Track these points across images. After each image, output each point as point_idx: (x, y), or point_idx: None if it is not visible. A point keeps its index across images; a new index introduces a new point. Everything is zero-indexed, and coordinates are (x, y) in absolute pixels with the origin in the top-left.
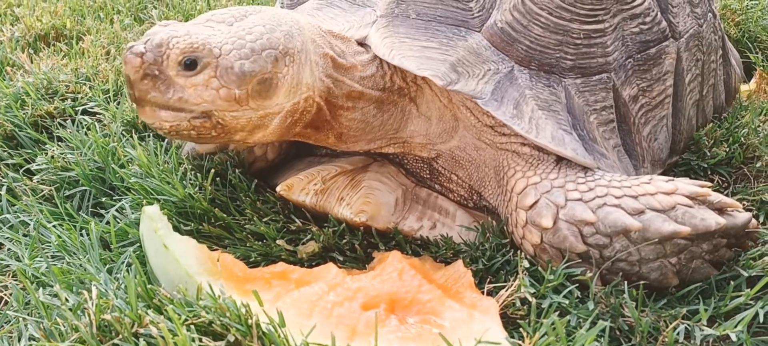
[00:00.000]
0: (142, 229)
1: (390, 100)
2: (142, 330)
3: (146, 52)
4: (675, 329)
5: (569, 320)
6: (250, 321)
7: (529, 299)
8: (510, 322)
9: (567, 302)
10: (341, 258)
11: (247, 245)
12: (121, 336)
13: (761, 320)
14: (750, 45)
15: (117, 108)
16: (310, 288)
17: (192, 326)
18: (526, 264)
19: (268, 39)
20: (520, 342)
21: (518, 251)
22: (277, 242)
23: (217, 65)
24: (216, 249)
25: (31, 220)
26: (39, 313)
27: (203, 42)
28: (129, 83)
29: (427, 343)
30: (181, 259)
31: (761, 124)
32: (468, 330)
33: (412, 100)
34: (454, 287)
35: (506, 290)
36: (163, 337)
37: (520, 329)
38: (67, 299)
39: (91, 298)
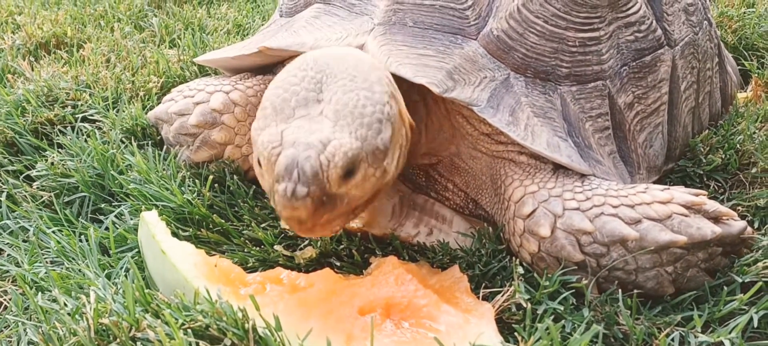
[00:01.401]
0: (140, 234)
1: None
2: (139, 334)
3: (310, 188)
4: (668, 335)
5: (564, 326)
6: (246, 325)
7: (524, 304)
8: (505, 327)
9: (562, 308)
10: (338, 264)
11: (245, 250)
12: (118, 340)
13: (755, 325)
14: (746, 53)
15: (116, 115)
16: (307, 293)
17: (189, 330)
18: (520, 270)
19: (378, 99)
20: (510, 340)
21: (514, 258)
22: (275, 247)
23: (366, 155)
24: (214, 255)
25: (30, 226)
26: (38, 318)
27: (349, 147)
28: (297, 223)
29: None
30: (179, 264)
31: (757, 131)
32: (463, 334)
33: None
34: (449, 292)
35: (502, 295)
36: (160, 341)
37: (516, 334)
38: (65, 304)
39: (89, 302)
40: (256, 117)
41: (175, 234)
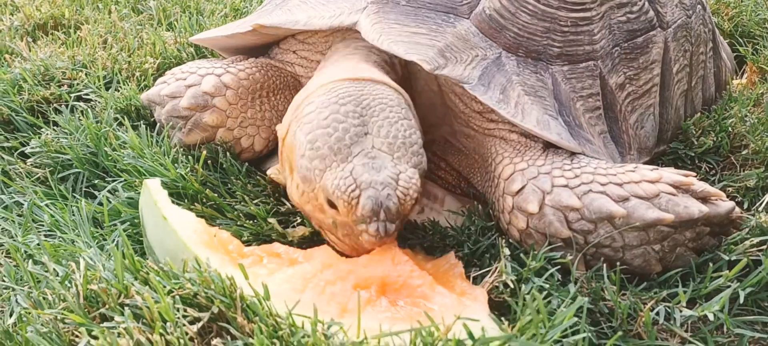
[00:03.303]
0: (141, 201)
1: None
2: (128, 301)
3: (396, 223)
4: (653, 310)
5: (550, 302)
6: (234, 294)
7: (511, 284)
8: (494, 304)
9: (548, 285)
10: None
11: (239, 223)
12: (107, 306)
13: (741, 302)
14: (742, 40)
15: (111, 95)
16: (304, 266)
17: (177, 297)
18: (507, 252)
19: (414, 125)
20: (502, 320)
21: (500, 238)
22: (269, 220)
23: (418, 177)
24: (212, 226)
25: (25, 201)
26: (29, 285)
27: (416, 178)
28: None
29: (416, 324)
30: (179, 230)
31: (749, 114)
32: (457, 314)
33: (407, 88)
34: (445, 276)
35: (491, 275)
36: (147, 307)
37: (505, 314)
38: (55, 271)
39: (78, 269)
40: (304, 157)
41: None
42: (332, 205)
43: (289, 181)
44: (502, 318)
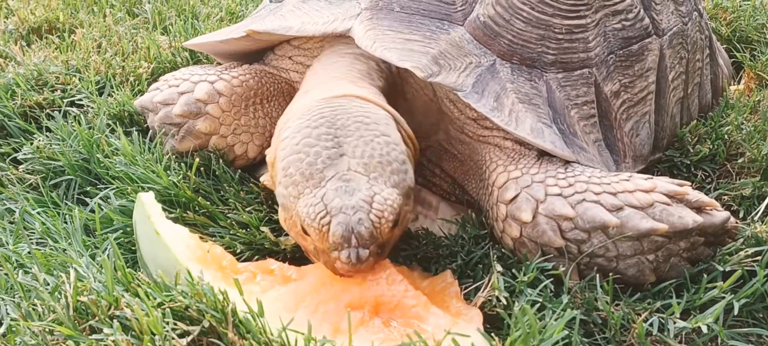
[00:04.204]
0: (135, 215)
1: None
2: (118, 313)
3: (370, 248)
4: (646, 321)
5: (544, 314)
6: (226, 308)
7: (503, 300)
8: (488, 318)
9: (541, 296)
10: None
11: (231, 232)
12: (97, 318)
13: (736, 313)
14: (740, 46)
15: (104, 100)
16: (297, 285)
17: (168, 310)
18: (499, 268)
19: (395, 140)
20: (494, 335)
21: (492, 252)
22: (262, 228)
23: (403, 198)
24: (205, 240)
25: (16, 208)
26: (19, 295)
27: (393, 199)
28: (355, 273)
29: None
30: (172, 246)
31: (745, 122)
32: (450, 336)
33: (400, 94)
34: (440, 296)
35: (483, 289)
36: (137, 319)
37: (498, 327)
38: (45, 282)
39: (68, 280)
40: (281, 184)
41: None
42: (307, 232)
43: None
44: (496, 332)
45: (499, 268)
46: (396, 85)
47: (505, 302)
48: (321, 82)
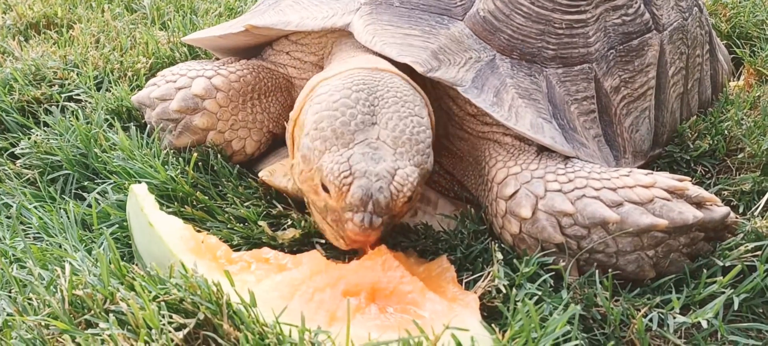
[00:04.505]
0: (128, 207)
1: None
2: (113, 307)
3: (383, 217)
4: (646, 316)
5: (543, 309)
6: (220, 300)
7: (504, 289)
8: (487, 309)
9: (541, 291)
10: (323, 241)
11: (229, 226)
12: (92, 312)
13: (736, 308)
14: (739, 42)
15: (102, 96)
16: (292, 273)
17: (163, 303)
18: (499, 256)
19: (426, 124)
20: (493, 327)
21: (493, 242)
22: (259, 223)
23: (421, 179)
24: (200, 231)
25: (14, 202)
26: (14, 289)
27: (414, 177)
28: (361, 243)
29: (405, 332)
30: (166, 237)
31: (745, 117)
32: (447, 321)
33: None
34: (436, 281)
35: (483, 280)
36: (132, 313)
37: (497, 319)
38: (41, 276)
39: (64, 274)
40: (308, 135)
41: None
42: (325, 188)
43: (292, 160)
44: (495, 324)
45: (499, 256)
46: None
47: (504, 292)
48: (359, 58)
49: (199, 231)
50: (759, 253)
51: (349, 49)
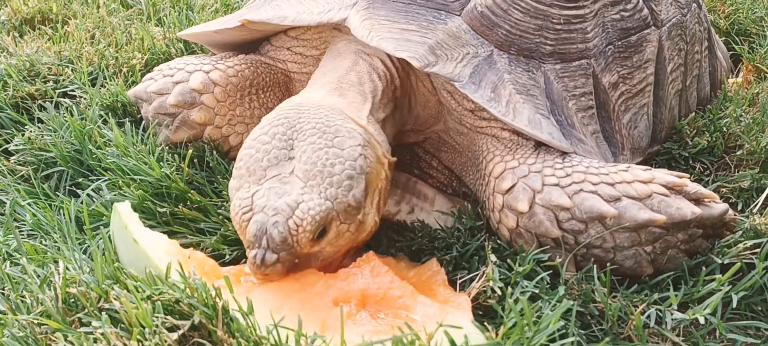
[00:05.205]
0: (112, 225)
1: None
2: (107, 305)
3: (279, 254)
4: (644, 313)
5: (540, 306)
6: (217, 305)
7: (498, 291)
8: (482, 309)
9: (538, 288)
10: None
11: (222, 229)
12: (86, 311)
13: (734, 306)
14: (738, 38)
15: (97, 91)
16: (281, 282)
17: (158, 304)
18: (493, 258)
19: (348, 155)
20: (486, 325)
21: (487, 243)
22: None
23: (337, 213)
24: (190, 234)
25: (7, 199)
26: (7, 287)
27: (318, 210)
28: (265, 278)
29: (397, 331)
30: (151, 253)
31: (744, 114)
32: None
33: (406, 90)
34: (427, 284)
35: (478, 280)
36: (126, 311)
37: (492, 318)
38: (34, 273)
39: (57, 272)
40: (232, 175)
41: (151, 210)
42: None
43: None
44: (490, 323)
45: (494, 258)
46: (400, 83)
47: (499, 293)
48: (315, 84)
49: (189, 234)
50: (758, 250)
51: (341, 45)
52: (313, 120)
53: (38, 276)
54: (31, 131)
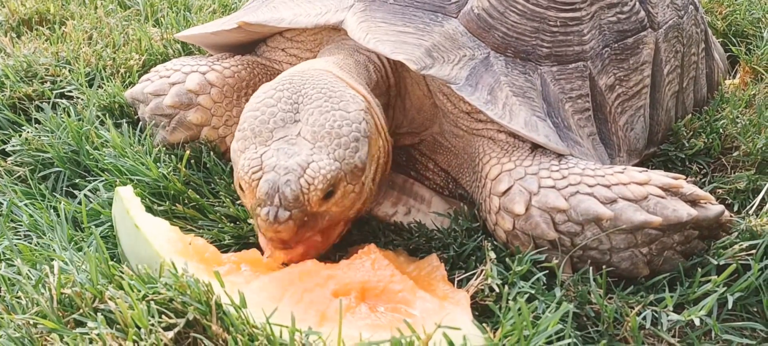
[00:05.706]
0: (114, 210)
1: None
2: (102, 306)
3: (292, 211)
4: (640, 314)
5: (536, 307)
6: (210, 301)
7: (496, 288)
8: (479, 308)
9: (534, 289)
10: None
11: (220, 226)
12: (81, 311)
13: (730, 307)
14: (735, 40)
15: (94, 92)
16: (282, 273)
17: (152, 303)
18: (492, 255)
19: (354, 118)
20: (485, 326)
21: (486, 242)
22: (249, 222)
23: (345, 174)
24: (189, 231)
25: (4, 200)
26: (3, 288)
27: (329, 169)
28: (281, 243)
29: (396, 331)
30: (152, 239)
31: (740, 116)
32: (438, 320)
33: (399, 91)
34: (427, 279)
35: (476, 278)
36: (121, 312)
37: (489, 317)
38: (29, 274)
39: (52, 273)
40: (235, 137)
41: (149, 209)
42: (242, 187)
43: None
44: (487, 323)
45: (492, 255)
46: (395, 82)
47: (497, 291)
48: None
49: (187, 233)
50: (753, 252)
51: (337, 45)
52: (318, 85)
53: (32, 277)
54: (28, 132)
